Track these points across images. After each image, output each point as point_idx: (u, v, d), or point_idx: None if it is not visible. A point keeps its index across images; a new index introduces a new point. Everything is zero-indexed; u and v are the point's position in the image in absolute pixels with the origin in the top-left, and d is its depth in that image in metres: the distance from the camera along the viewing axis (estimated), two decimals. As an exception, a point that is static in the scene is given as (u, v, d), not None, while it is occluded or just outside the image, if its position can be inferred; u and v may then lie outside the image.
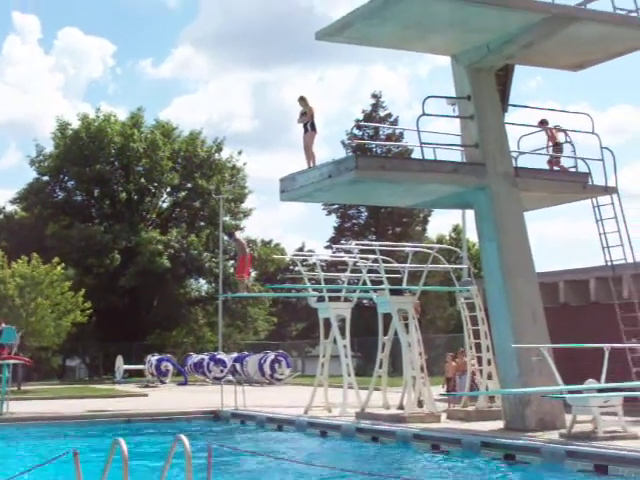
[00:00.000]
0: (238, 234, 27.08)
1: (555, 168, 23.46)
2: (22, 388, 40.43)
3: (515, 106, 23.91)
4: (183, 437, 8.63)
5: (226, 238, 62.67)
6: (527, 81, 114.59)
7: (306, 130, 22.25)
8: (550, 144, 23.58)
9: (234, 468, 17.59)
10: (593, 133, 22.86)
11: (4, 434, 24.22)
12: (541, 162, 23.88)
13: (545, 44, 21.24)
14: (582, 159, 23.01)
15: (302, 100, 22.38)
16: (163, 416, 27.90)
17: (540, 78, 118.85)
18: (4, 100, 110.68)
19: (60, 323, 45.01)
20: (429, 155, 21.24)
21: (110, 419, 27.02)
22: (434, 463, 18.54)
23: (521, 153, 23.21)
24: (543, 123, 23.60)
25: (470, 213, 27.95)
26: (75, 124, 65.80)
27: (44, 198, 66.01)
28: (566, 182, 22.80)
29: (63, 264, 46.29)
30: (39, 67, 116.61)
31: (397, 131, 69.61)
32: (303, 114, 22.32)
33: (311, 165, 22.09)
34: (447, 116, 24.71)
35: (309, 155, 22.18)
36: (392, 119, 72.44)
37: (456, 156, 23.00)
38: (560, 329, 23.42)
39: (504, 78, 22.86)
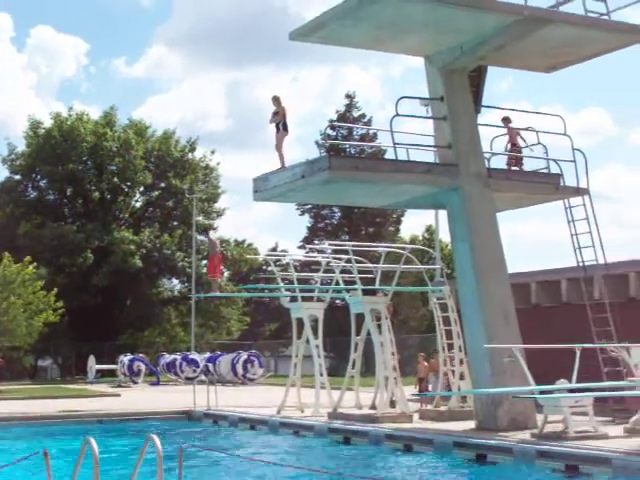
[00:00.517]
0: (212, 233, 27.04)
1: (513, 168, 23.52)
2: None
3: (488, 107, 24.04)
4: (154, 437, 8.61)
5: (201, 237, 62.61)
6: (500, 82, 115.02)
7: (278, 130, 22.26)
8: (509, 144, 23.62)
9: (206, 468, 17.55)
10: (565, 135, 22.99)
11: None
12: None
13: (518, 46, 21.34)
14: (554, 160, 23.13)
15: (275, 100, 22.37)
16: (135, 416, 27.81)
17: (512, 79, 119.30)
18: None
19: (32, 322, 44.72)
20: (402, 156, 21.31)
21: (82, 419, 26.91)
22: (406, 463, 18.57)
23: (494, 154, 23.32)
24: (506, 120, 23.66)
25: (443, 213, 27.96)
26: (47, 123, 65.51)
27: (16, 197, 65.62)
28: (538, 183, 22.90)
29: (35, 263, 46.01)
30: (11, 65, 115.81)
31: (371, 131, 69.68)
32: (275, 114, 22.32)
33: (281, 165, 22.11)
34: (420, 117, 24.75)
35: (280, 155, 22.21)
36: (366, 119, 72.60)
37: (429, 157, 23.07)
38: (532, 330, 23.53)
39: (477, 79, 22.93)
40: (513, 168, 23.47)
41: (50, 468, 8.18)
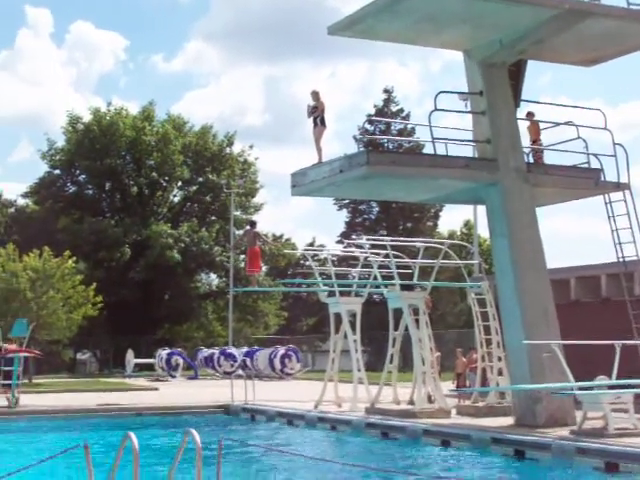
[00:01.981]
0: (249, 228, 26.93)
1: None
2: (33, 381, 40.53)
3: (527, 101, 23.80)
4: (193, 431, 8.63)
5: (239, 232, 62.68)
6: (539, 76, 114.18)
7: (315, 125, 22.17)
8: (532, 139, 23.40)
9: (244, 462, 17.60)
10: (606, 129, 22.75)
11: (15, 427, 24.31)
12: (553, 158, 23.78)
13: (558, 40, 21.16)
14: (594, 155, 22.90)
15: (314, 94, 22.27)
16: (173, 410, 27.93)
17: (552, 73, 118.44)
18: (16, 94, 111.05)
19: (71, 316, 45.06)
20: (441, 150, 21.21)
21: (121, 413, 27.06)
22: (444, 459, 18.51)
23: (533, 149, 23.14)
24: (530, 115, 23.48)
25: (482, 209, 27.92)
26: (87, 118, 65.91)
27: (55, 192, 66.15)
28: (578, 178, 22.67)
29: (74, 257, 46.34)
30: (51, 61, 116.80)
31: (409, 126, 69.58)
32: (314, 108, 22.22)
33: (320, 160, 22.06)
34: (459, 112, 24.63)
35: (318, 149, 22.15)
36: (404, 114, 72.45)
37: (468, 152, 22.95)
38: (571, 326, 23.34)
39: (516, 73, 22.75)
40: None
41: (90, 461, 8.22)
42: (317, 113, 22.12)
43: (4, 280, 43.34)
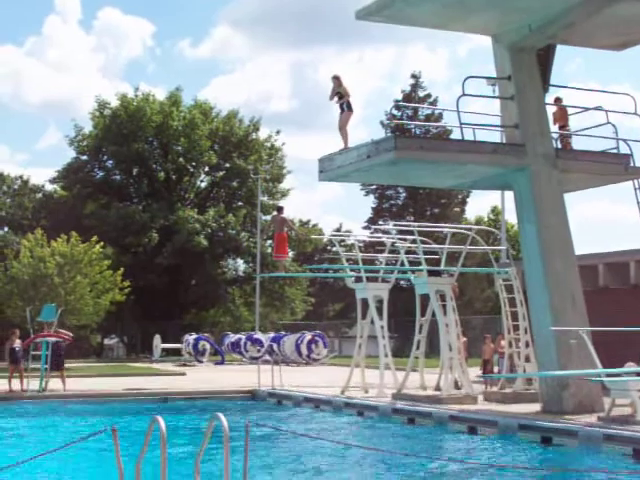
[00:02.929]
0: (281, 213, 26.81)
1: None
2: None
3: (556, 86, 23.67)
4: (221, 415, 8.64)
5: (266, 217, 62.70)
6: (568, 61, 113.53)
7: (342, 110, 22.05)
8: (556, 124, 23.21)
9: (271, 447, 17.63)
10: (635, 114, 22.56)
11: (44, 411, 24.47)
12: (582, 143, 23.62)
13: (588, 24, 20.98)
14: (624, 140, 22.73)
15: (336, 79, 22.11)
16: (200, 395, 28.02)
17: (581, 58, 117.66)
18: (44, 81, 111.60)
19: (99, 301, 45.29)
20: (469, 136, 21.16)
21: (148, 397, 27.18)
22: (470, 445, 18.47)
23: (562, 134, 22.99)
24: (557, 100, 23.31)
25: (509, 194, 27.78)
26: (114, 103, 65.99)
27: (83, 177, 66.31)
28: (607, 164, 22.50)
29: (102, 243, 46.53)
30: (79, 47, 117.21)
31: (436, 112, 69.36)
32: (337, 93, 22.07)
33: (346, 145, 21.98)
34: (487, 97, 24.54)
35: (344, 135, 22.04)
36: (431, 100, 72.19)
37: (496, 137, 22.85)
38: (599, 312, 23.22)
39: (545, 58, 22.61)
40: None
41: (118, 445, 8.25)
42: (344, 100, 21.99)
43: (32, 265, 43.59)
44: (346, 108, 21.96)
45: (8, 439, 19.26)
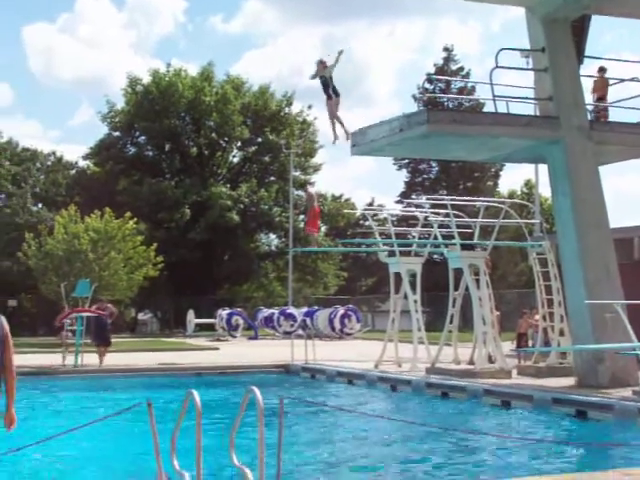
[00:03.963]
0: (310, 188, 26.84)
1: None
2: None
3: (591, 58, 23.39)
4: (255, 389, 8.64)
5: (298, 192, 62.68)
6: (603, 32, 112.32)
7: (329, 97, 20.85)
8: (594, 95, 22.93)
9: (305, 421, 17.68)
10: (672, 85, 22.30)
11: (79, 385, 24.66)
12: (618, 115, 23.37)
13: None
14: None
15: (321, 64, 20.87)
16: (234, 369, 28.13)
17: (617, 29, 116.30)
18: (77, 57, 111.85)
19: (132, 277, 45.55)
20: (502, 109, 21.00)
21: (182, 372, 27.32)
22: (504, 419, 18.43)
23: (596, 106, 22.76)
24: (602, 71, 23.01)
25: (543, 167, 27.59)
26: (146, 80, 66.09)
27: (115, 153, 66.52)
28: (643, 135, 22.28)
29: (135, 219, 46.71)
30: (111, 24, 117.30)
31: (469, 85, 69.01)
32: (322, 77, 20.78)
33: (336, 134, 21.12)
34: (521, 69, 24.36)
35: (334, 122, 20.86)
36: (464, 73, 71.74)
37: (529, 110, 22.67)
38: (635, 285, 23.06)
39: (580, 29, 22.37)
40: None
41: (154, 419, 8.27)
42: (330, 85, 20.73)
43: (66, 241, 43.86)
44: (333, 95, 20.80)
45: (44, 413, 19.43)
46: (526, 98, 22.62)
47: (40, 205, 68.04)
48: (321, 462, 13.67)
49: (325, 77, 20.65)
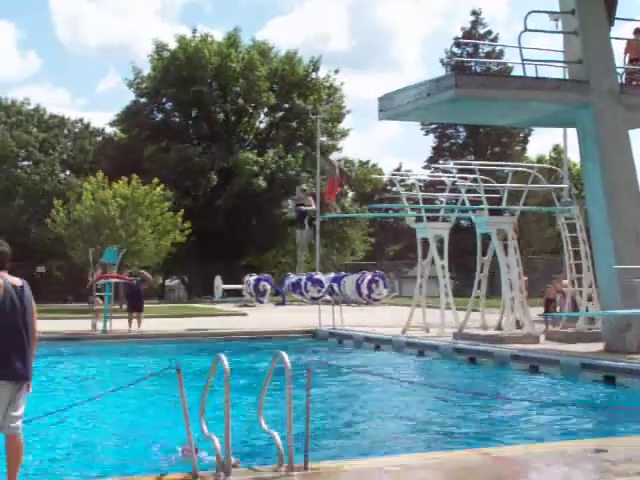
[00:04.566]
0: (334, 155, 26.80)
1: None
2: (124, 307, 41.24)
3: (622, 19, 23.10)
4: (283, 353, 8.66)
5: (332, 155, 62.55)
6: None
7: (302, 227, 20.47)
8: (626, 56, 22.61)
9: (333, 385, 17.72)
10: None
11: (108, 351, 24.82)
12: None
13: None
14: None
15: (312, 196, 20.60)
16: (262, 335, 28.22)
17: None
18: (103, 24, 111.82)
19: (160, 243, 45.68)
20: (531, 72, 20.82)
21: (210, 337, 27.43)
22: (532, 384, 18.41)
23: (627, 69, 22.49)
24: (638, 33, 22.67)
25: (572, 132, 27.36)
26: (172, 46, 65.98)
27: (142, 120, 66.55)
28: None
29: (162, 185, 46.78)
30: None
31: (497, 49, 68.40)
32: (303, 209, 20.56)
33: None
34: (550, 32, 24.06)
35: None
36: (492, 37, 71.15)
37: (559, 73, 22.45)
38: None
39: (610, -10, 22.08)
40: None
41: (182, 383, 8.32)
42: (307, 218, 20.27)
43: (94, 208, 44.03)
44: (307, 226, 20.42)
45: (74, 378, 19.58)
46: (555, 61, 22.37)
47: (68, 172, 68.30)
48: (347, 426, 13.71)
49: (307, 212, 20.93)
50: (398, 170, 74.39)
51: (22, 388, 7.75)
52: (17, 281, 7.85)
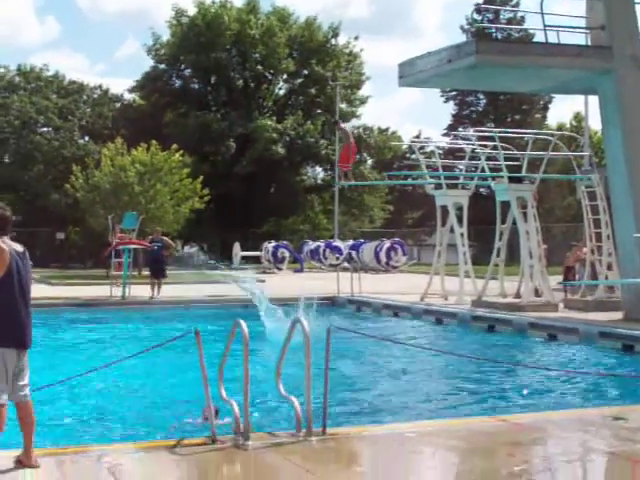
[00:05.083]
0: (345, 125, 26.72)
1: None
2: (142, 273, 41.36)
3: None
4: (302, 319, 8.67)
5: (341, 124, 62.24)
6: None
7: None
8: None
9: (352, 351, 17.73)
10: None
11: (127, 317, 24.92)
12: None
13: None
14: None
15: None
16: (280, 301, 28.20)
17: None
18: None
19: (179, 209, 45.68)
20: (552, 39, 20.65)
21: (230, 303, 27.45)
22: (550, 351, 18.39)
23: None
24: None
25: (593, 99, 27.19)
26: (191, 11, 65.77)
27: (161, 86, 66.49)
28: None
29: (181, 151, 46.74)
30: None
31: (518, 15, 67.87)
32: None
33: None
34: (572, -2, 23.82)
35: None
36: (513, 2, 70.55)
37: (581, 39, 22.25)
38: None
39: (634, -46, 21.82)
40: None
41: (202, 347, 8.34)
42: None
43: (113, 174, 44.07)
44: None
45: (92, 344, 19.66)
46: (577, 28, 22.17)
47: (87, 138, 68.28)
48: (366, 392, 13.74)
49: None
50: (417, 137, 74.16)
51: (26, 355, 7.76)
52: (19, 247, 7.78)
